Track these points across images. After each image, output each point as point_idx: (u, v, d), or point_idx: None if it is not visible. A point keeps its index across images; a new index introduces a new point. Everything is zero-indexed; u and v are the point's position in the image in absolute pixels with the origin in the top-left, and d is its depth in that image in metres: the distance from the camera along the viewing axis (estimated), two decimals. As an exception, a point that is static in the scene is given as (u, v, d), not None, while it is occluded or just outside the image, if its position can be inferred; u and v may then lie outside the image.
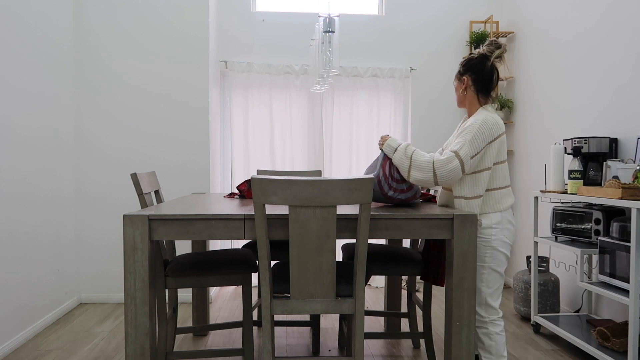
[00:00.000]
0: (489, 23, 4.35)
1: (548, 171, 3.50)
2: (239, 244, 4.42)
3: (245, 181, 2.68)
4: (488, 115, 2.02)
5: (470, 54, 2.18)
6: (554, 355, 2.78)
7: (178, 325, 3.24)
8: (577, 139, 2.92)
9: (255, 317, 3.52)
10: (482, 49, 2.14)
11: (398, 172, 2.08)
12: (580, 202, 3.04)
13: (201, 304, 3.10)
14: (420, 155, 2.03)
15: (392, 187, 2.05)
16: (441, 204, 2.23)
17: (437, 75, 4.43)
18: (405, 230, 1.94)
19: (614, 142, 2.90)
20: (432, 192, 3.53)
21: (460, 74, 2.16)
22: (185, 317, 3.46)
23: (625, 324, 2.58)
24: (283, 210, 1.99)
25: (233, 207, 2.13)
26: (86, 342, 2.96)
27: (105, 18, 3.70)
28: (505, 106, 4.26)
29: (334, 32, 2.80)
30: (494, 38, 2.14)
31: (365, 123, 4.36)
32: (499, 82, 4.44)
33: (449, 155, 1.97)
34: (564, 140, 3.07)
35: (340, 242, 4.36)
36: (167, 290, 3.07)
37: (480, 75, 2.10)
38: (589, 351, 2.54)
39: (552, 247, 3.61)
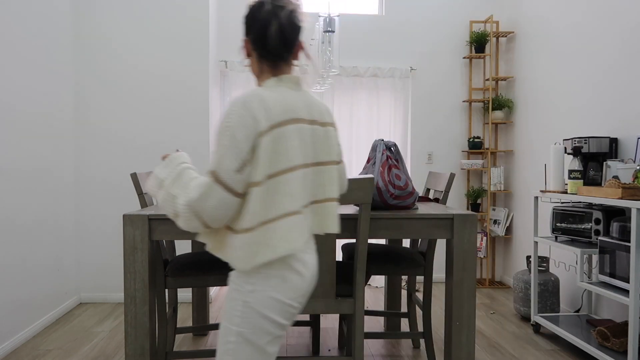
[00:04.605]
0: (489, 23, 4.35)
1: (548, 171, 3.50)
2: (239, 243, 4.41)
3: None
4: (251, 94, 1.24)
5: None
6: (554, 355, 2.78)
7: (178, 325, 3.24)
8: (577, 139, 2.92)
9: (255, 317, 3.51)
10: None
11: (397, 177, 2.06)
12: (580, 202, 3.04)
13: (201, 304, 3.10)
14: (181, 187, 1.26)
15: (393, 195, 2.03)
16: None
17: (437, 75, 4.43)
18: (405, 230, 1.94)
19: (614, 142, 2.90)
20: (430, 195, 3.54)
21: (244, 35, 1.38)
22: (185, 317, 3.46)
23: (625, 324, 2.58)
24: (283, 210, 1.99)
25: (233, 207, 2.12)
26: (86, 342, 2.96)
27: (105, 16, 3.70)
28: (505, 106, 4.26)
29: (334, 32, 2.80)
30: None
31: (365, 123, 4.36)
32: (503, 81, 4.45)
33: (203, 184, 1.21)
34: (564, 140, 3.07)
35: (340, 242, 4.36)
36: (167, 290, 3.07)
37: (255, 32, 1.32)
38: (589, 351, 2.54)
39: (552, 247, 3.61)
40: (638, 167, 2.46)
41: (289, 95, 1.30)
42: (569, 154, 3.03)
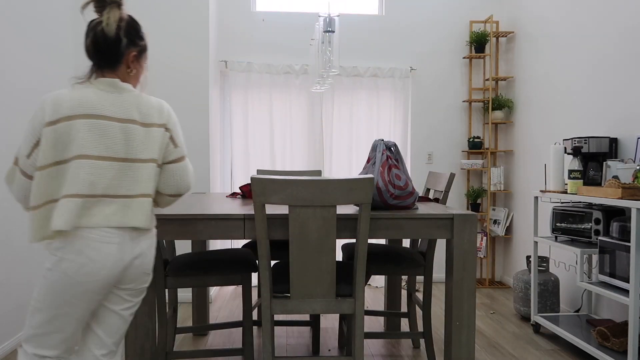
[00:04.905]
0: (489, 23, 4.35)
1: (548, 171, 3.50)
2: (239, 243, 4.42)
3: (249, 183, 2.69)
4: (52, 92, 1.43)
5: None
6: (554, 355, 2.78)
7: (178, 325, 3.24)
8: (577, 139, 2.92)
9: (255, 317, 3.52)
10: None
11: (397, 177, 2.06)
12: (580, 202, 3.05)
13: (201, 304, 3.10)
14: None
15: (393, 195, 2.02)
16: None
17: (437, 75, 4.43)
18: (405, 230, 1.94)
19: (614, 142, 2.90)
20: (430, 195, 3.55)
21: None
22: (185, 317, 3.46)
23: (625, 323, 2.58)
24: (283, 210, 1.99)
25: (233, 207, 2.13)
26: (86, 342, 2.95)
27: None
28: (505, 106, 4.26)
29: (334, 32, 2.80)
30: None
31: (365, 123, 4.36)
32: (503, 81, 4.44)
33: (9, 167, 1.53)
34: (564, 140, 3.07)
35: (340, 242, 4.36)
36: (167, 290, 3.07)
37: (84, 43, 1.51)
38: (589, 351, 2.54)
39: (552, 247, 3.61)
40: (638, 167, 2.46)
41: (91, 95, 1.43)
42: (569, 154, 3.03)
